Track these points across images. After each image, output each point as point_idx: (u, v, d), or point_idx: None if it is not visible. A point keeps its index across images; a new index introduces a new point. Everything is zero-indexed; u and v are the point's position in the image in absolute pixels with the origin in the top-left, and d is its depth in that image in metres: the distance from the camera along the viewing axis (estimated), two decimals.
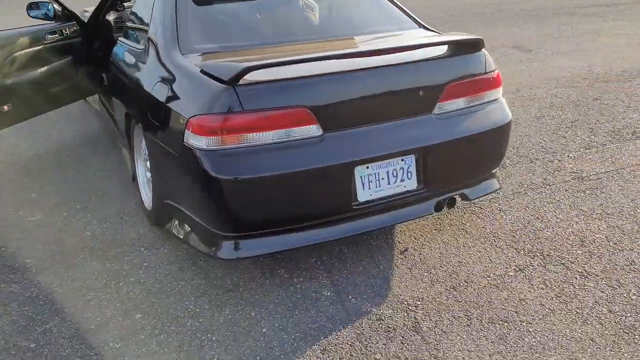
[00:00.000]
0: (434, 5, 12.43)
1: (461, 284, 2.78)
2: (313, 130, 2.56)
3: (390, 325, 2.50)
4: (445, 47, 2.92)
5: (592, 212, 3.41)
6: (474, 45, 2.94)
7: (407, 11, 3.55)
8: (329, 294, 2.73)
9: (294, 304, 2.65)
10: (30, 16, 4.39)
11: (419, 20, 3.49)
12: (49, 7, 4.38)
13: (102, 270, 2.91)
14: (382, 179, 2.74)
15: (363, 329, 2.48)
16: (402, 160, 2.76)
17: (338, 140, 2.62)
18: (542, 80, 6.24)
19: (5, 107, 3.94)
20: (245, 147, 2.46)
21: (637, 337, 2.39)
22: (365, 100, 2.67)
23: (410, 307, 2.62)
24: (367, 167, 2.68)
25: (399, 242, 3.14)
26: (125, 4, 4.90)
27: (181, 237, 2.82)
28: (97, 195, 3.74)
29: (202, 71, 2.60)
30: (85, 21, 4.65)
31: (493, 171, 3.16)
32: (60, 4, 4.42)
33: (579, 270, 2.86)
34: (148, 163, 3.17)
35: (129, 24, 3.88)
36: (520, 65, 6.90)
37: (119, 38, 4.02)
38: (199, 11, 3.18)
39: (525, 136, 4.60)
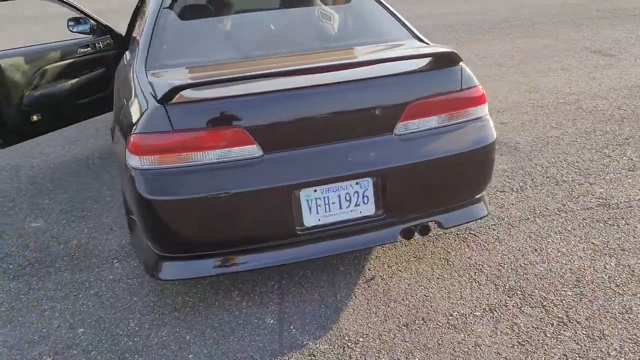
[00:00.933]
0: (529, 4, 11.68)
1: (417, 322, 2.54)
2: (251, 151, 2.45)
3: None
4: (414, 61, 2.68)
5: (604, 247, 2.98)
6: (447, 60, 2.68)
7: (402, 20, 3.31)
8: (271, 322, 2.60)
9: (232, 330, 2.56)
10: (72, 32, 4.65)
11: (413, 30, 3.24)
12: (87, 22, 4.61)
13: (69, 281, 2.99)
14: (333, 203, 2.56)
15: None
16: (357, 183, 2.57)
17: (280, 161, 2.49)
18: (611, 89, 5.62)
19: (35, 117, 4.20)
20: (178, 167, 2.41)
21: None
22: (310, 120, 2.52)
23: (349, 344, 2.43)
24: (315, 190, 2.52)
25: (368, 269, 2.94)
26: None
27: (134, 252, 2.83)
28: (100, 203, 3.86)
29: (148, 89, 2.59)
30: (122, 34, 4.84)
31: (477, 196, 2.86)
32: (96, 20, 4.64)
33: (559, 316, 2.51)
34: None
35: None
36: (594, 72, 6.26)
37: (125, 52, 4.13)
38: (179, 25, 3.17)
39: (563, 154, 4.14)
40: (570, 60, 6.75)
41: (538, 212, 3.38)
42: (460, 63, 2.71)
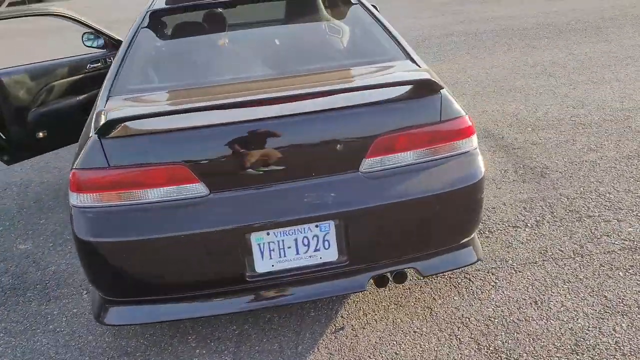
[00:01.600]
0: (609, 4, 10.83)
1: None
2: (195, 189, 2.23)
3: None
4: (387, 89, 2.37)
5: (618, 303, 2.56)
6: (424, 88, 2.35)
7: (396, 37, 2.95)
8: None
9: None
10: (86, 46, 4.62)
11: (406, 49, 2.88)
12: (101, 37, 4.56)
13: (33, 313, 2.88)
14: (288, 247, 2.30)
15: None
16: (317, 226, 2.29)
17: (228, 201, 2.26)
18: None
19: (41, 134, 4.17)
20: (116, 207, 2.22)
21: None
22: (262, 156, 2.26)
23: None
24: (268, 234, 2.27)
25: (341, 316, 2.65)
26: None
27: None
28: None
29: (98, 119, 2.42)
30: None
31: (463, 241, 2.51)
32: (107, 35, 4.58)
33: None
34: None
35: None
36: None
37: None
38: (155, 47, 3.01)
39: (595, 183, 3.67)
40: (629, 70, 6.11)
41: (549, 254, 2.96)
42: (442, 91, 2.38)
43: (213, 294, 2.34)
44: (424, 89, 2.35)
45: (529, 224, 3.26)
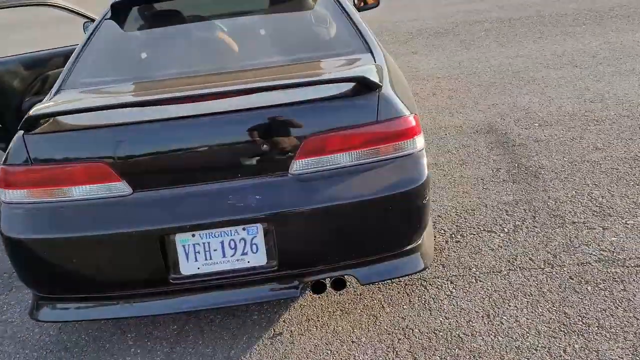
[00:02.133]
0: None
1: None
2: (117, 188, 2.19)
3: None
4: (322, 87, 2.24)
5: (577, 320, 2.36)
6: (360, 86, 2.21)
7: (362, 31, 2.79)
8: None
9: None
10: None
11: (370, 43, 2.72)
12: None
13: None
14: (215, 250, 2.23)
15: None
16: (244, 229, 2.21)
17: (151, 201, 2.20)
18: None
19: None
20: (39, 204, 2.21)
21: None
22: (187, 155, 2.20)
23: None
24: (193, 235, 2.21)
25: (283, 321, 2.56)
26: None
27: None
28: None
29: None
30: None
31: (407, 248, 2.36)
32: None
33: None
34: None
35: None
36: None
37: None
38: (116, 38, 2.97)
39: (591, 186, 3.41)
40: None
41: (518, 263, 2.77)
42: (381, 89, 2.23)
43: (139, 294, 2.30)
44: (359, 87, 2.20)
45: (505, 229, 3.06)
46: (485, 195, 3.43)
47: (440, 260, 2.86)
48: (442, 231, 3.10)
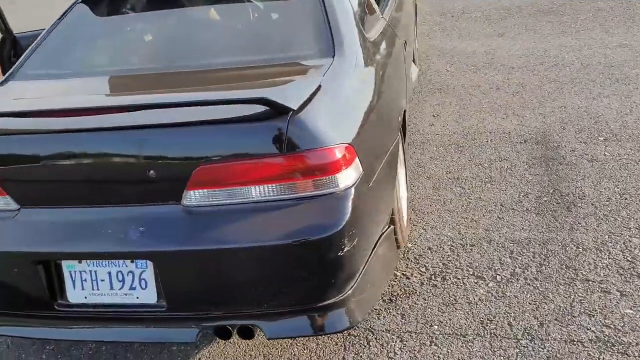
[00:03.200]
0: None
1: None
2: (1, 202, 2.01)
3: None
4: (220, 108, 1.87)
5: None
6: (267, 109, 1.81)
7: (335, 29, 2.34)
8: None
9: None
10: None
11: (339, 44, 2.27)
12: None
13: None
14: (102, 280, 2.00)
15: None
16: (132, 262, 1.95)
17: (38, 220, 2.01)
18: None
19: None
20: None
21: None
22: (74, 172, 1.96)
23: None
24: (80, 262, 1.99)
25: (199, 358, 2.28)
26: None
27: None
28: None
29: None
30: None
31: (325, 303, 1.95)
32: None
33: None
34: None
35: None
36: None
37: None
38: (75, 29, 2.76)
39: (633, 230, 2.72)
40: None
41: (490, 328, 2.25)
42: (293, 114, 1.82)
43: (26, 316, 2.13)
44: (268, 110, 1.81)
45: (498, 277, 2.52)
46: (495, 227, 2.87)
47: (402, 308, 2.41)
48: (424, 269, 2.63)
